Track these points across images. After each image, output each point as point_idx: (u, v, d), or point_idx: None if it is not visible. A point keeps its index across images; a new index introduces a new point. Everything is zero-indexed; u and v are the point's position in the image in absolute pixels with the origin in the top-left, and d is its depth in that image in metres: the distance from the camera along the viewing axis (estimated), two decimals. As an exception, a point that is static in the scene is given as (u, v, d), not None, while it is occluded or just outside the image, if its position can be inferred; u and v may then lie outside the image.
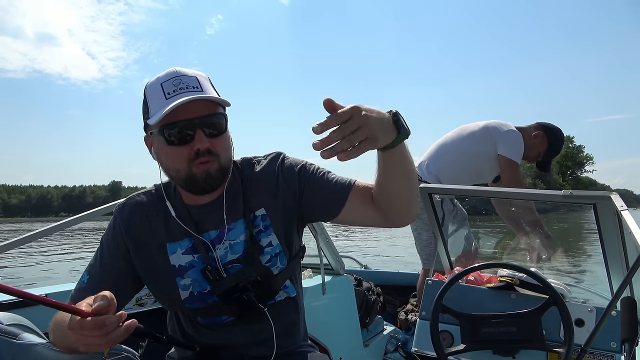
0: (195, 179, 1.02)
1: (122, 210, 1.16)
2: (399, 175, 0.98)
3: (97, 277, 1.11)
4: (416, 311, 2.80)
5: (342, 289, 2.33)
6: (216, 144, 1.02)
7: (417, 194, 1.06)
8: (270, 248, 1.13)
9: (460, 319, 1.40)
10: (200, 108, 1.00)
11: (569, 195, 1.50)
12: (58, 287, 1.72)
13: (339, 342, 2.08)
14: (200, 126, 0.99)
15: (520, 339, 1.34)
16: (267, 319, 1.11)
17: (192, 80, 1.01)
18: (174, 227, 1.12)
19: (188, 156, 1.00)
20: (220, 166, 1.04)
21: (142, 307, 1.73)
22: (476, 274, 1.69)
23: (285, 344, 1.17)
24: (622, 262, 1.55)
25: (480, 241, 2.98)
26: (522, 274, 1.46)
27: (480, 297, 1.52)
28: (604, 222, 1.52)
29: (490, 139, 2.79)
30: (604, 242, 1.58)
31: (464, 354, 1.39)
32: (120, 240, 1.13)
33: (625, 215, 1.29)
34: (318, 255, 2.16)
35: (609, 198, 1.41)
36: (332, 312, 2.20)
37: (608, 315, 0.96)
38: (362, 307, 2.53)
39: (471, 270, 1.51)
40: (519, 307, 1.37)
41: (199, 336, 1.15)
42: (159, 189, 1.17)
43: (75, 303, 1.06)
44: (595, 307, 1.43)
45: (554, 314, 1.30)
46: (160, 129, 1.00)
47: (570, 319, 1.28)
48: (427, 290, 1.63)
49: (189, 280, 1.11)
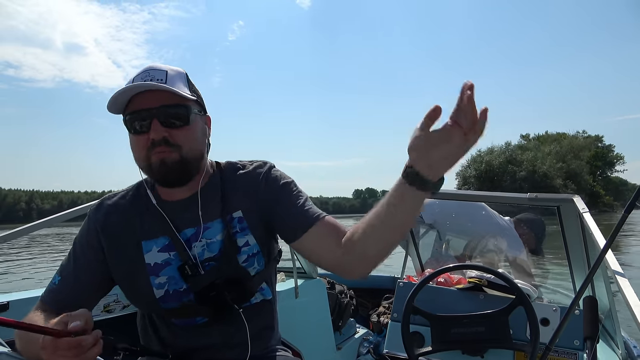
0: (151, 167, 1.03)
1: (97, 210, 1.15)
2: (405, 222, 0.95)
3: (69, 278, 1.09)
4: (388, 313, 2.83)
5: (315, 292, 2.33)
6: (175, 135, 1.03)
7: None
8: (247, 248, 1.12)
9: (430, 320, 1.42)
10: (158, 99, 1.01)
11: (534, 198, 1.54)
12: (23, 293, 1.67)
13: (312, 345, 2.07)
14: (156, 116, 1.01)
15: (488, 339, 1.37)
16: (241, 321, 1.11)
17: (161, 73, 1.03)
18: (150, 225, 1.11)
19: (145, 145, 1.02)
20: (181, 157, 1.04)
21: (110, 314, 1.68)
22: (446, 275, 1.72)
23: (259, 347, 1.16)
24: (584, 263, 1.61)
25: (450, 243, 3.06)
26: (490, 275, 1.49)
27: (450, 298, 1.55)
28: (567, 224, 1.58)
29: (498, 227, 3.01)
30: (567, 243, 1.64)
31: (434, 354, 1.42)
32: (94, 241, 1.11)
33: (587, 217, 1.35)
34: (291, 259, 2.15)
35: (571, 201, 1.46)
36: (305, 315, 2.19)
37: (571, 314, 1.00)
38: (335, 310, 2.54)
39: (441, 272, 1.54)
40: (487, 307, 1.40)
41: (172, 338, 1.14)
42: (135, 188, 1.17)
43: (46, 305, 1.05)
44: (559, 307, 1.48)
45: (520, 313, 1.34)
46: (124, 118, 1.03)
47: (535, 318, 1.31)
48: (399, 293, 1.65)
49: (164, 278, 1.09)
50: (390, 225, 0.95)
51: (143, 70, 1.04)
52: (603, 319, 1.62)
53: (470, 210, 3.09)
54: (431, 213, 3.00)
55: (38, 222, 1.84)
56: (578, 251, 1.61)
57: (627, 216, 1.07)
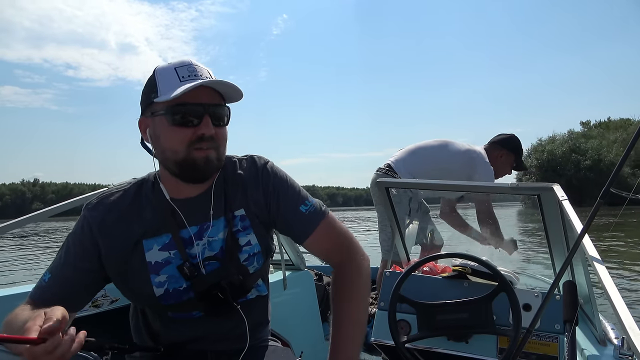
0: (194, 162, 1.03)
1: (94, 209, 1.12)
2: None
3: (59, 276, 1.07)
4: (375, 304, 2.87)
5: (303, 283, 2.36)
6: (219, 134, 1.06)
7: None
8: (249, 247, 1.14)
9: (416, 308, 1.45)
10: (210, 96, 1.04)
11: (516, 187, 1.58)
12: (13, 289, 1.65)
13: (301, 336, 2.10)
14: (209, 113, 1.03)
15: (472, 325, 1.41)
16: (237, 315, 1.12)
17: (205, 72, 1.05)
18: (152, 223, 1.10)
19: (190, 139, 1.02)
20: (219, 156, 1.07)
21: (97, 309, 1.68)
22: (431, 264, 1.75)
23: (251, 339, 1.18)
24: (564, 249, 1.66)
25: (435, 233, 3.10)
26: (474, 263, 1.53)
27: (435, 287, 1.59)
28: (547, 212, 1.62)
29: (469, 164, 3.04)
30: (547, 230, 1.68)
31: (420, 340, 1.45)
32: (89, 241, 1.09)
33: (566, 204, 1.38)
34: (279, 252, 2.17)
35: (551, 189, 1.50)
36: (293, 307, 2.22)
37: (550, 298, 1.04)
38: (323, 301, 2.57)
39: (427, 260, 1.58)
40: (471, 294, 1.44)
41: (165, 330, 1.14)
42: (137, 184, 1.15)
43: (35, 302, 1.04)
44: (541, 293, 1.52)
45: (503, 299, 1.37)
46: (169, 108, 1.01)
47: (518, 304, 1.35)
48: (385, 282, 1.68)
49: (164, 277, 1.09)
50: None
51: (184, 64, 1.04)
52: (582, 303, 1.67)
53: (437, 152, 3.12)
54: (407, 172, 3.03)
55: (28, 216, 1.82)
56: (558, 237, 1.65)
57: (602, 202, 1.11)
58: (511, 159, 3.20)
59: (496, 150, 3.19)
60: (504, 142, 3.21)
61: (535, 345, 1.43)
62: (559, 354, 1.40)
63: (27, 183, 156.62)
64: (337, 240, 1.18)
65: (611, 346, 1.46)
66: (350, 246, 1.19)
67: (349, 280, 1.14)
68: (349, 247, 1.19)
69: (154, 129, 1.06)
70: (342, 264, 1.16)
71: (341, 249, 1.18)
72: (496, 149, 3.19)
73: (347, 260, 1.17)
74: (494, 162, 3.12)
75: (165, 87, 1.01)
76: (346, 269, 1.15)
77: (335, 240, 1.18)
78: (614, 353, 1.37)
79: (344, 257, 1.17)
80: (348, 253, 1.18)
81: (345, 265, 1.16)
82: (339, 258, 1.18)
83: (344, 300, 1.11)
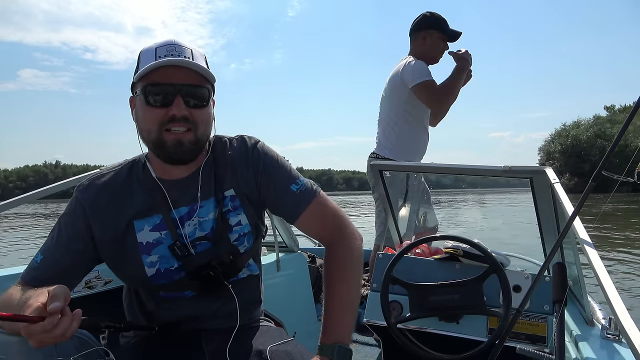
0: (164, 143, 1.03)
1: (86, 190, 1.12)
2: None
3: (51, 257, 1.07)
4: (368, 285, 2.90)
5: (296, 265, 2.37)
6: (195, 115, 1.04)
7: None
8: (239, 227, 1.14)
9: (409, 289, 1.47)
10: (185, 77, 1.02)
11: (508, 169, 1.59)
12: (3, 271, 1.65)
13: (294, 317, 2.12)
14: (181, 93, 1.01)
15: (463, 305, 1.43)
16: (228, 294, 1.13)
17: (187, 51, 1.03)
18: (142, 204, 1.10)
19: (162, 119, 1.01)
20: (196, 138, 1.05)
21: (91, 290, 1.69)
22: (423, 246, 1.77)
23: (243, 318, 1.19)
24: (554, 232, 1.68)
25: (429, 215, 3.11)
26: (466, 245, 1.54)
27: (427, 268, 1.60)
28: (539, 195, 1.63)
29: (400, 82, 2.88)
30: (539, 213, 1.70)
31: (412, 321, 1.47)
32: (82, 222, 1.09)
33: (557, 187, 1.39)
34: (272, 234, 2.17)
35: (543, 172, 1.51)
36: (286, 288, 2.23)
37: (540, 279, 1.05)
38: (316, 282, 2.59)
39: (419, 242, 1.59)
40: (462, 276, 1.45)
41: (158, 310, 1.15)
42: (129, 165, 1.16)
43: (26, 283, 1.04)
44: (531, 274, 1.54)
45: (494, 281, 1.39)
46: (143, 87, 1.02)
47: (508, 285, 1.37)
48: (378, 263, 1.70)
49: (155, 257, 1.09)
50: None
51: (166, 43, 1.03)
52: (572, 285, 1.70)
53: (384, 106, 3.04)
54: (386, 149, 2.98)
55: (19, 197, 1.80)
56: (549, 220, 1.67)
57: (594, 185, 1.12)
58: (435, 35, 2.93)
59: (414, 39, 2.97)
60: (415, 26, 2.97)
61: (525, 326, 1.46)
62: (548, 334, 1.43)
63: (49, 165, 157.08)
64: (328, 219, 1.17)
65: (598, 326, 1.49)
66: (341, 225, 1.17)
67: (340, 259, 1.13)
68: (340, 225, 1.17)
69: (136, 109, 1.07)
70: (333, 243, 1.15)
71: (333, 228, 1.17)
72: (415, 39, 2.97)
73: (338, 239, 1.16)
74: (420, 49, 2.93)
75: (143, 66, 1.02)
76: (338, 248, 1.14)
77: (327, 219, 1.17)
78: (601, 333, 1.40)
79: (336, 236, 1.16)
80: (339, 232, 1.17)
81: (337, 243, 1.15)
82: (331, 237, 1.16)
83: (335, 280, 1.10)
